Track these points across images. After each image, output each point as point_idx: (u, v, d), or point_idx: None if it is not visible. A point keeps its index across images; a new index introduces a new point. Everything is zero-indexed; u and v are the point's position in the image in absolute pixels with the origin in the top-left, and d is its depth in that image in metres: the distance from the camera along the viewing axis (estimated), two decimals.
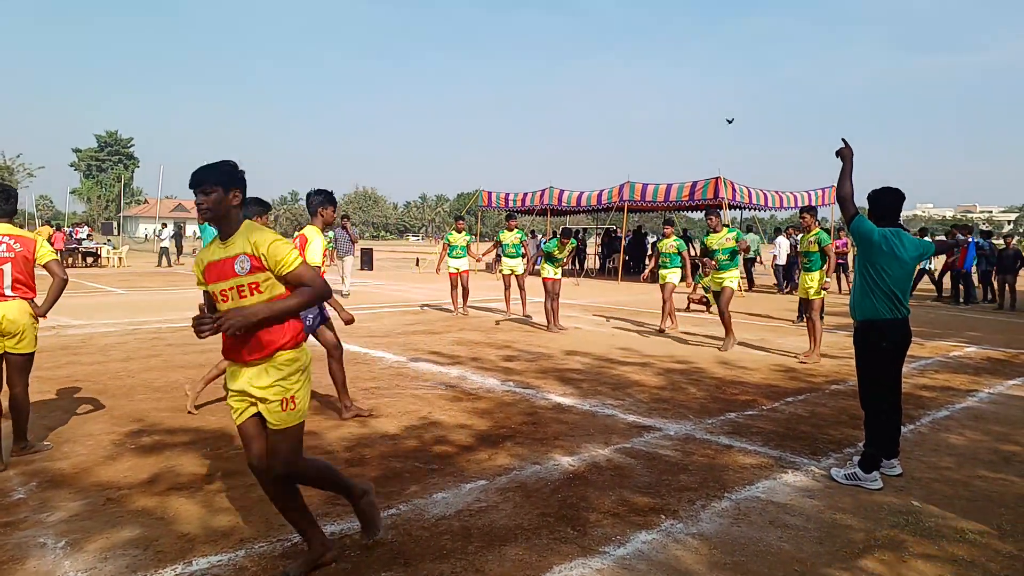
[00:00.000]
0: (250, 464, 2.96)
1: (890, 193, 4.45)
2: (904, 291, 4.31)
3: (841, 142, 4.51)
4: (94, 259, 26.85)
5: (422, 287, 18.71)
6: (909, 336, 4.37)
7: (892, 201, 4.46)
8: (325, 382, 6.65)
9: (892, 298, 4.26)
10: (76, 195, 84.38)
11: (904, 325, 4.32)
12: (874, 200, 4.48)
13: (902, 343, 4.33)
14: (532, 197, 24.69)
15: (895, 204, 4.48)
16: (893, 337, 4.27)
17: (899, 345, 4.31)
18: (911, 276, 4.42)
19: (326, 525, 3.48)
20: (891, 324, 4.26)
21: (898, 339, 4.30)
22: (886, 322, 4.26)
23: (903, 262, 4.26)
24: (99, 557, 3.14)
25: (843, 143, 4.51)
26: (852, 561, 3.24)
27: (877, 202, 4.47)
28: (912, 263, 4.30)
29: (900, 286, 4.28)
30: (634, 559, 3.21)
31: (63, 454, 4.51)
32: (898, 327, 4.28)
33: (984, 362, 8.51)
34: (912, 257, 4.29)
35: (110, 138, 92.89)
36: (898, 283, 4.27)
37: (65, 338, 9.03)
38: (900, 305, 4.28)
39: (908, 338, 4.36)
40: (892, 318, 4.25)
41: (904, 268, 4.28)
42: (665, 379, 7.15)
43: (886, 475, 4.30)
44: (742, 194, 20.05)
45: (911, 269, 4.35)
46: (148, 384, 6.46)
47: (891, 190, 4.45)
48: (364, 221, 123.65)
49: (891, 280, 4.25)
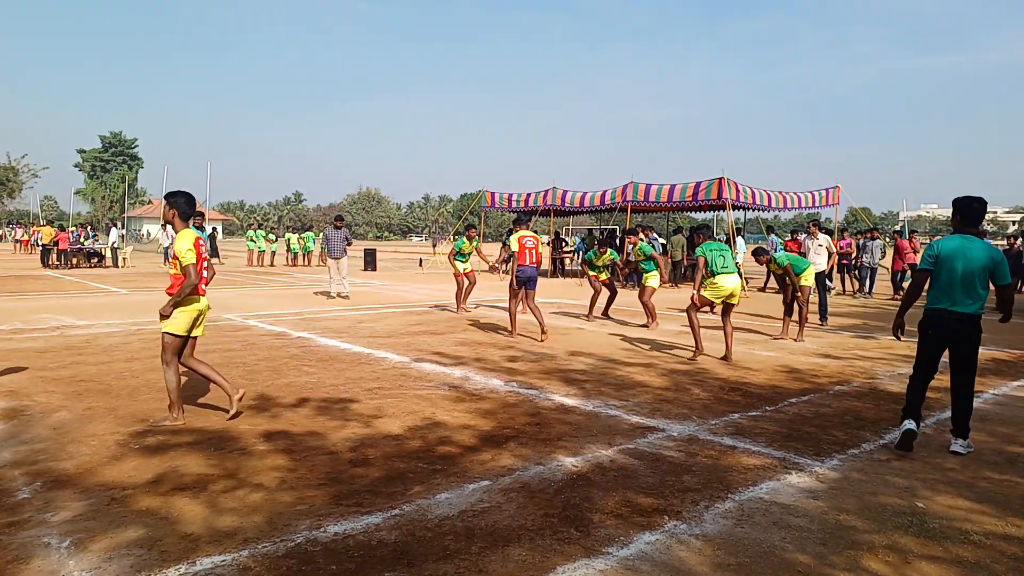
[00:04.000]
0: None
1: (976, 201, 4.96)
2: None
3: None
4: (98, 260, 26.91)
5: (425, 287, 18.72)
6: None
7: (979, 208, 4.96)
8: (328, 382, 6.67)
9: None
10: (80, 196, 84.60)
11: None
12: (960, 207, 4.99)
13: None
14: (535, 198, 24.68)
15: (981, 211, 4.98)
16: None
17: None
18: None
19: (329, 525, 3.49)
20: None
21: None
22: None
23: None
24: (103, 557, 3.15)
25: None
26: (856, 562, 3.23)
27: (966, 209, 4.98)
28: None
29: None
30: (637, 560, 3.21)
31: (67, 454, 4.52)
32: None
33: (989, 363, 8.48)
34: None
35: (114, 139, 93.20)
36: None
37: (69, 338, 9.05)
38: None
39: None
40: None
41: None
42: (669, 380, 7.14)
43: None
44: (746, 195, 20.01)
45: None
46: (152, 384, 6.47)
47: (976, 199, 4.96)
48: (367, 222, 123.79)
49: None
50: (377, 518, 3.60)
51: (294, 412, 5.61)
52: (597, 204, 23.26)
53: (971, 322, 4.84)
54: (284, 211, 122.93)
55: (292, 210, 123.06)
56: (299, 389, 6.38)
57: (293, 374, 7.02)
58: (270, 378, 6.82)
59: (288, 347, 8.61)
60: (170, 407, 5.23)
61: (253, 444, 4.78)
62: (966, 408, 4.87)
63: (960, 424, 4.89)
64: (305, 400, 5.99)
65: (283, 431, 5.09)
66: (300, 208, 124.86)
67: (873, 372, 7.74)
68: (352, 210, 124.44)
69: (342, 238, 15.38)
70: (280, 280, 20.96)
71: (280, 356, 7.99)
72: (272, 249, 30.09)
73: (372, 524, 3.53)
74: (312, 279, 21.01)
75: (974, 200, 4.94)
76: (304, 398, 6.06)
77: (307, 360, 7.78)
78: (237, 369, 7.20)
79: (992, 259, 4.80)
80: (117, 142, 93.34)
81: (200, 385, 6.45)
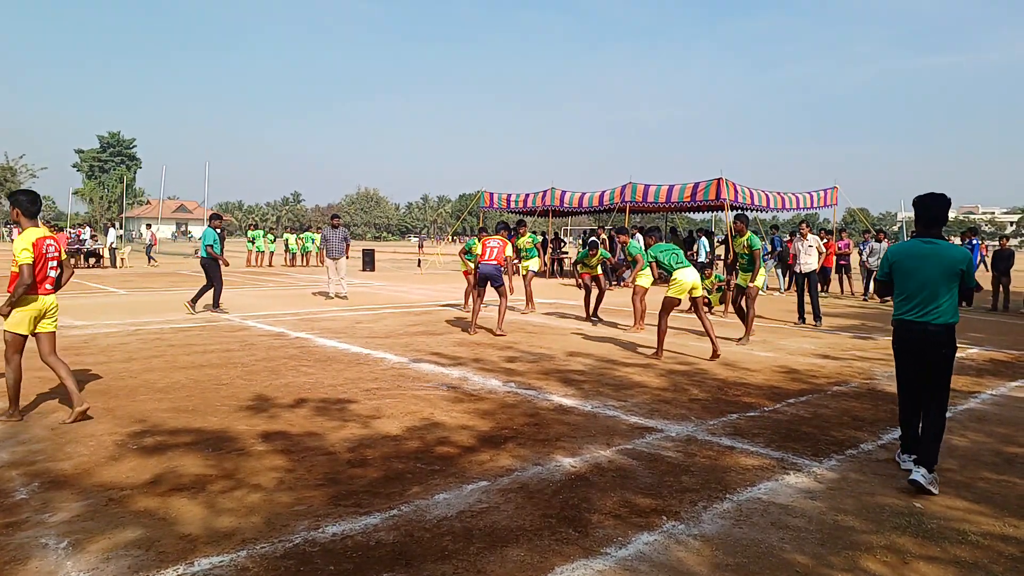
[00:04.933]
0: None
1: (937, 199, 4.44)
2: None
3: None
4: (96, 260, 26.88)
5: (424, 288, 18.72)
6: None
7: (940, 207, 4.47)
8: (326, 382, 6.67)
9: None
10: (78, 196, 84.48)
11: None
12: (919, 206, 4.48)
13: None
14: (534, 198, 24.68)
15: (942, 210, 4.47)
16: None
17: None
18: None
19: (327, 525, 3.49)
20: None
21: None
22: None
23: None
24: (101, 558, 3.14)
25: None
26: (854, 563, 3.23)
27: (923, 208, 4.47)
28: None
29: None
30: (636, 560, 3.21)
31: (65, 455, 4.51)
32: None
33: (987, 363, 8.50)
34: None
35: (112, 139, 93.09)
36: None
37: (68, 338, 9.03)
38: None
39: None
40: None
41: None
42: (667, 380, 7.14)
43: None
44: (744, 195, 20.02)
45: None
46: (150, 385, 6.46)
47: (937, 196, 4.44)
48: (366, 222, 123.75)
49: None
50: (375, 519, 3.60)
51: (292, 412, 5.61)
52: (596, 205, 23.26)
53: (942, 333, 4.30)
54: (283, 211, 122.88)
55: (291, 210, 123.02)
56: (297, 389, 6.38)
57: (291, 374, 7.02)
58: (268, 378, 6.81)
59: (286, 347, 8.61)
60: (10, 403, 5.24)
61: (251, 445, 4.78)
62: (935, 433, 4.25)
63: (927, 452, 4.21)
64: (303, 400, 5.99)
65: (281, 432, 5.09)
66: (299, 208, 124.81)
67: (871, 373, 7.74)
68: (351, 210, 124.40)
69: (340, 238, 15.25)
70: (279, 280, 20.95)
71: (278, 356, 7.98)
72: (271, 249, 30.08)
73: (370, 525, 3.53)
74: (310, 279, 21.00)
75: (934, 198, 4.41)
76: (302, 398, 6.05)
77: (305, 360, 7.77)
78: (235, 369, 7.20)
79: (959, 263, 4.29)
80: (115, 142, 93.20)
81: (195, 386, 6.45)
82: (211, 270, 12.16)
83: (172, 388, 6.35)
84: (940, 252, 4.34)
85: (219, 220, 12.68)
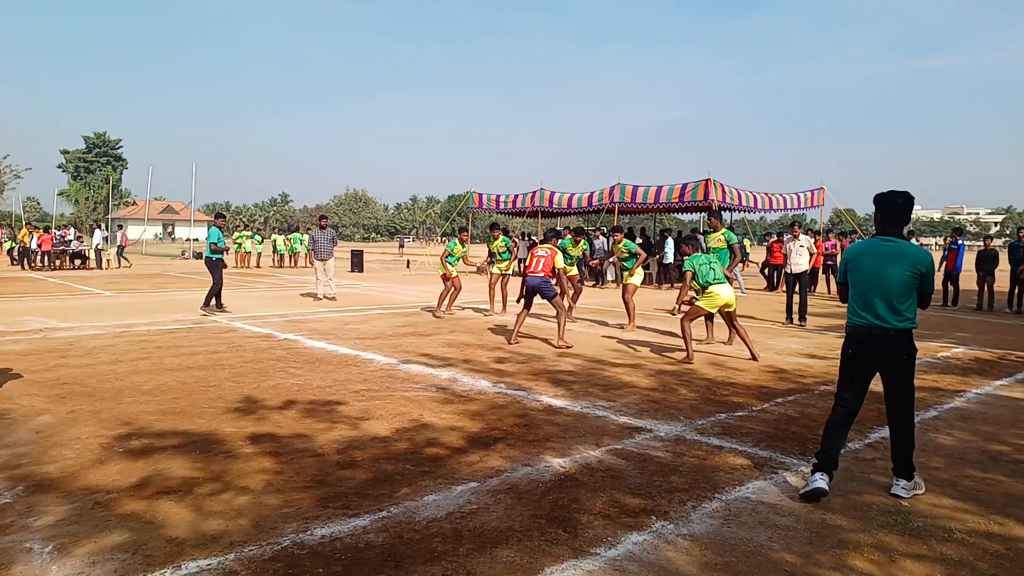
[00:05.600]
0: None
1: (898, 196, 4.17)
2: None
3: None
4: (82, 261, 26.66)
5: (413, 289, 18.68)
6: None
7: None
8: (315, 384, 6.64)
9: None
10: (64, 197, 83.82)
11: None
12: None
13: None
14: (523, 199, 24.73)
15: (904, 208, 4.19)
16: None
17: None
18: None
19: (316, 528, 3.47)
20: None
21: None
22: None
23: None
24: (87, 562, 3.11)
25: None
26: (842, 561, 3.25)
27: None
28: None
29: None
30: (625, 560, 3.22)
31: (50, 458, 4.47)
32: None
33: (972, 362, 8.57)
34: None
35: (98, 139, 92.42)
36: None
37: (53, 340, 8.95)
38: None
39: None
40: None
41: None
42: (656, 380, 7.16)
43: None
44: (732, 196, 20.14)
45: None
46: (137, 387, 6.41)
47: (900, 193, 4.17)
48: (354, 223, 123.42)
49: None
50: (364, 520, 3.59)
51: (281, 414, 5.58)
52: (584, 205, 23.33)
53: (900, 339, 4.03)
54: (271, 212, 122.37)
55: (279, 211, 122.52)
56: (286, 391, 6.35)
57: (280, 376, 6.98)
58: (256, 380, 6.78)
59: (274, 349, 8.57)
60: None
61: (239, 447, 4.75)
62: (907, 443, 4.07)
63: (902, 462, 4.09)
64: (292, 402, 5.96)
65: (269, 434, 5.06)
66: (287, 209, 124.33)
67: None
68: (339, 211, 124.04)
69: (328, 238, 15.15)
70: (266, 281, 20.85)
71: (266, 358, 7.94)
72: (258, 250, 29.93)
73: (359, 526, 3.52)
74: (299, 280, 20.92)
75: (896, 196, 4.13)
76: (291, 400, 6.02)
77: (294, 362, 7.74)
78: (223, 371, 7.16)
79: (919, 264, 4.03)
80: (101, 143, 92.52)
81: (182, 388, 6.41)
82: (214, 269, 12.34)
83: (159, 390, 6.31)
84: (900, 252, 4.06)
85: (223, 219, 13.10)
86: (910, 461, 4.10)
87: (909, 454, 4.09)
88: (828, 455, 4.04)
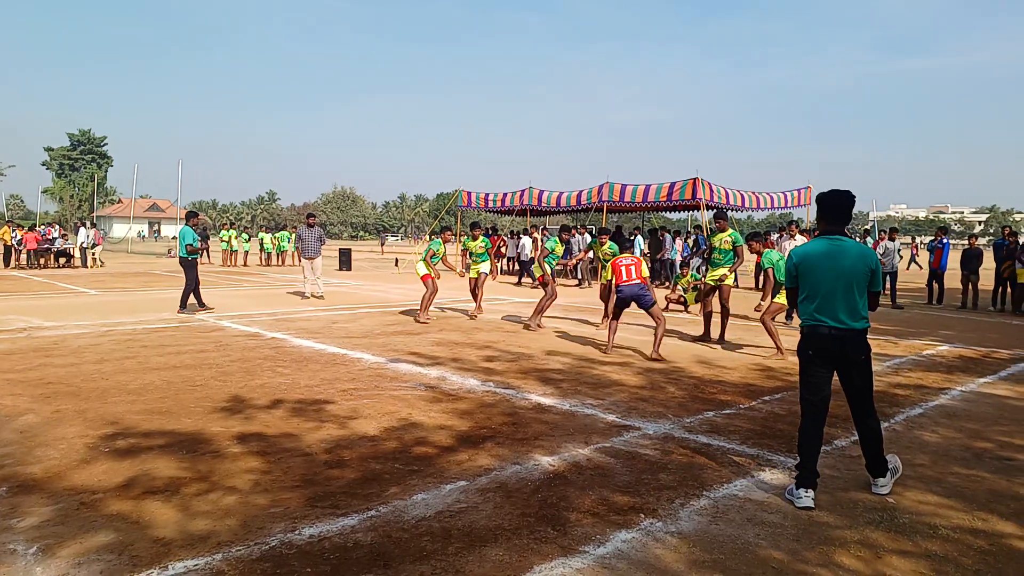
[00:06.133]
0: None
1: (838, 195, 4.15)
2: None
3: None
4: (67, 260, 26.40)
5: (401, 288, 18.63)
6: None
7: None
8: (303, 383, 6.61)
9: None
10: (48, 194, 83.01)
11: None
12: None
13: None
14: (512, 197, 24.71)
15: (847, 206, 4.17)
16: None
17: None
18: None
19: (304, 527, 3.46)
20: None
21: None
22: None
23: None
24: (72, 563, 3.09)
25: None
26: (829, 558, 3.28)
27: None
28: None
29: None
30: (614, 558, 3.23)
31: (35, 458, 4.42)
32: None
33: (957, 360, 8.66)
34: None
35: (83, 136, 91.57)
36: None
37: (37, 340, 8.87)
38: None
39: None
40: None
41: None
42: (645, 378, 7.18)
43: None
44: (719, 195, 20.23)
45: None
46: (122, 386, 6.36)
47: (842, 192, 4.15)
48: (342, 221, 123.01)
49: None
50: (353, 520, 3.58)
51: (268, 414, 5.56)
52: (573, 204, 23.35)
53: (855, 339, 4.00)
54: (257, 210, 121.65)
55: (266, 209, 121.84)
56: (273, 390, 6.32)
57: (267, 375, 6.95)
58: (244, 379, 6.74)
59: (262, 348, 8.52)
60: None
61: (226, 446, 4.72)
62: (875, 441, 4.08)
63: (874, 461, 4.11)
64: (279, 401, 5.93)
65: (257, 433, 5.03)
66: (274, 207, 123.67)
67: None
68: (327, 209, 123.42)
69: (316, 237, 15.12)
70: (254, 280, 20.74)
71: (254, 357, 7.90)
72: (245, 249, 29.75)
73: (348, 526, 3.51)
74: (286, 279, 20.82)
75: (839, 194, 4.11)
76: (278, 399, 6.00)
77: (281, 361, 7.70)
78: (210, 370, 7.11)
79: (868, 263, 4.03)
80: (86, 140, 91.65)
81: (169, 387, 6.36)
82: (189, 269, 12.04)
83: (145, 390, 6.26)
84: (850, 251, 4.04)
85: (196, 218, 12.68)
86: (881, 455, 4.10)
87: (879, 448, 4.10)
88: (808, 470, 3.95)
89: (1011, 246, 14.83)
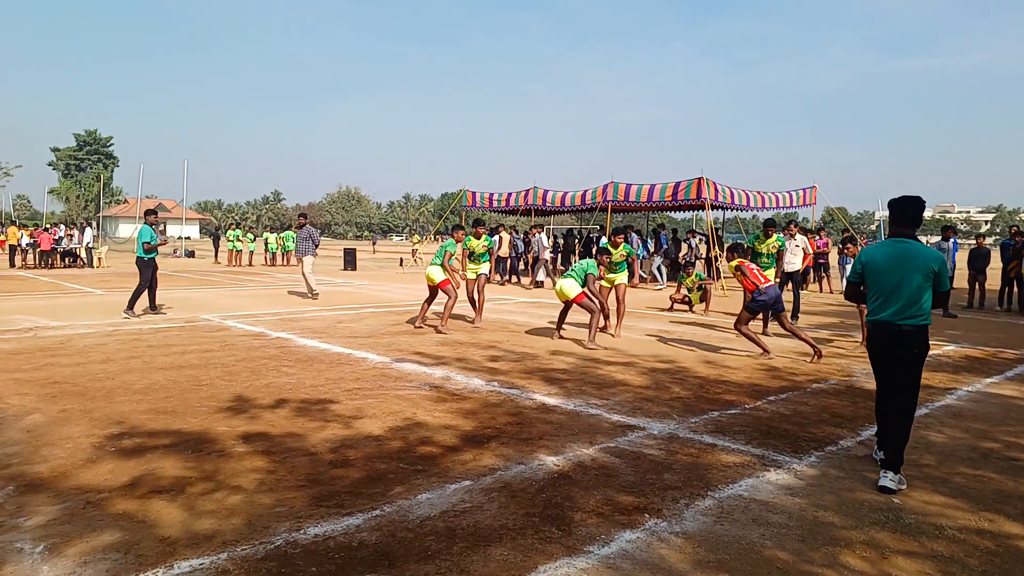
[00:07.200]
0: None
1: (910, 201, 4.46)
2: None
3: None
4: (72, 259, 26.50)
5: (406, 287, 18.65)
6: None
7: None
8: (307, 383, 6.62)
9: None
10: (54, 195, 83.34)
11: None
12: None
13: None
14: (516, 197, 24.71)
15: (916, 211, 4.47)
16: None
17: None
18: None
19: (309, 527, 3.46)
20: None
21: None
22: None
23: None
24: (78, 562, 3.10)
25: None
26: (834, 558, 3.27)
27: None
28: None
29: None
30: (619, 558, 3.22)
31: (41, 457, 4.44)
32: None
33: (963, 360, 8.62)
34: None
35: (89, 137, 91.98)
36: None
37: (43, 339, 8.90)
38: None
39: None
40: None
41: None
42: (649, 379, 7.17)
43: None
44: (724, 194, 20.19)
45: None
46: (128, 386, 6.38)
47: (912, 198, 4.46)
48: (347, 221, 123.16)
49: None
50: (358, 519, 3.58)
51: (273, 413, 5.57)
52: (578, 204, 23.34)
53: (915, 335, 4.28)
54: (263, 210, 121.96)
55: (271, 209, 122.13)
56: (278, 390, 6.33)
57: (272, 375, 6.97)
58: (249, 379, 6.76)
59: (267, 348, 8.54)
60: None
61: (232, 446, 4.73)
62: (902, 435, 4.27)
63: (893, 454, 4.22)
64: (284, 401, 5.94)
65: (262, 432, 5.04)
66: (279, 207, 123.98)
67: (850, 370, 7.83)
68: (332, 209, 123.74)
69: (304, 237, 15.57)
70: (259, 280, 20.79)
71: (259, 357, 7.92)
72: (250, 249, 29.81)
73: (352, 525, 3.51)
74: (291, 279, 20.86)
75: (909, 200, 4.43)
76: (283, 399, 6.01)
77: (286, 361, 7.72)
78: (215, 370, 7.13)
79: (932, 264, 4.28)
80: (92, 140, 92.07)
81: (174, 387, 6.38)
82: (144, 269, 11.46)
83: (151, 389, 6.28)
84: (914, 252, 4.32)
85: (154, 215, 12.07)
86: (901, 454, 4.24)
87: (902, 447, 4.25)
88: (888, 449, 4.24)
89: (1018, 246, 14.77)
